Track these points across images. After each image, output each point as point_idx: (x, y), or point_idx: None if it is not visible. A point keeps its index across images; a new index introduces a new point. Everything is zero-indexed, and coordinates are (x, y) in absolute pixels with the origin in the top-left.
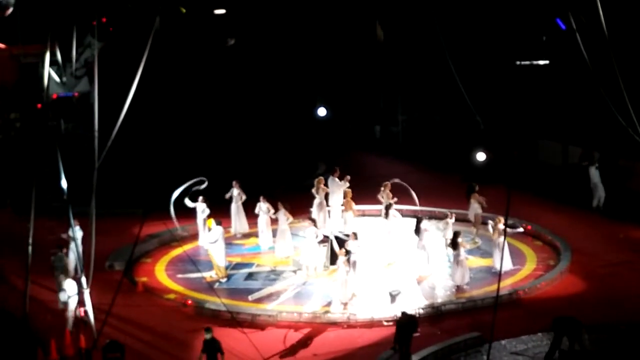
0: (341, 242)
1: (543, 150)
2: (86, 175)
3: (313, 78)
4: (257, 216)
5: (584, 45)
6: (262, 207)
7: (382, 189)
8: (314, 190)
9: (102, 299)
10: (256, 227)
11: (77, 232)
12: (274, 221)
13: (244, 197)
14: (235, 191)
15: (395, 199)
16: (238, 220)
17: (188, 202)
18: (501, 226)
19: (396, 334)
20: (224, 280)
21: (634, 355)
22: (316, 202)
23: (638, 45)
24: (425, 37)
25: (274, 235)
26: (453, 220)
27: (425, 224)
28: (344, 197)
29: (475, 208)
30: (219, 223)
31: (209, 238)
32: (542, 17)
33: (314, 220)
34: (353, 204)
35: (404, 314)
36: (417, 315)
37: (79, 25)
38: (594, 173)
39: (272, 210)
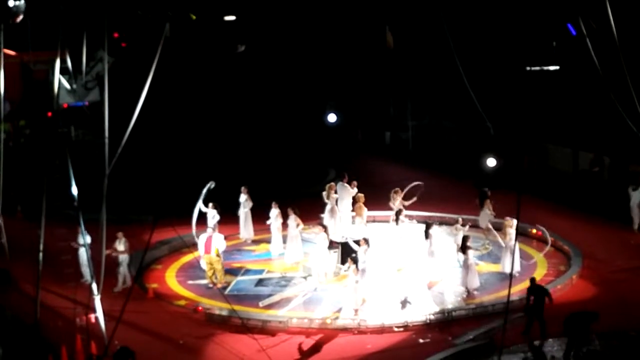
0: (352, 249)
1: (553, 156)
2: (97, 182)
3: (323, 84)
4: (265, 222)
5: (594, 51)
6: (273, 213)
7: (393, 195)
8: (324, 196)
9: (112, 305)
10: (263, 234)
11: (82, 239)
12: (285, 227)
13: (251, 203)
14: (243, 197)
15: (414, 199)
16: (245, 226)
17: (202, 206)
18: (510, 230)
19: (527, 299)
20: (215, 285)
21: None
22: (328, 208)
23: None
24: (435, 43)
25: (285, 242)
26: (466, 227)
27: (434, 229)
28: (356, 203)
29: (487, 214)
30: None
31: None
32: (553, 22)
33: (325, 227)
34: (365, 209)
35: (532, 280)
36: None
37: (90, 37)
38: (636, 195)
39: (281, 220)
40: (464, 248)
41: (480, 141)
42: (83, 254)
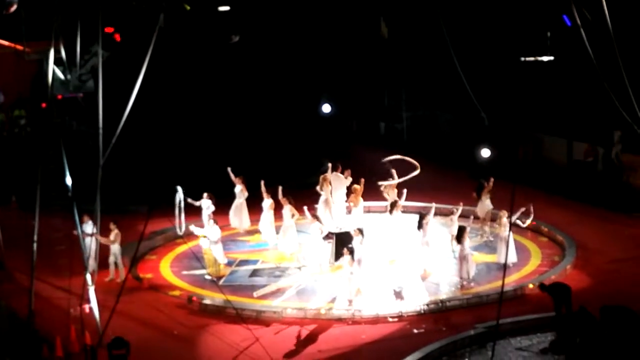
0: (347, 238)
1: (547, 146)
2: (91, 173)
3: (318, 75)
4: (260, 213)
5: (589, 41)
6: (266, 204)
7: (387, 185)
8: (318, 188)
9: (107, 295)
10: (258, 224)
11: (89, 228)
12: (279, 217)
13: (246, 194)
14: (239, 187)
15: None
16: (240, 216)
17: (191, 200)
18: (505, 220)
19: (554, 301)
20: (212, 277)
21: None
22: (322, 199)
23: None
24: (430, 34)
25: (278, 232)
26: (460, 210)
27: (428, 219)
28: (352, 193)
29: (486, 205)
30: (215, 222)
31: (211, 237)
32: (547, 13)
33: (317, 217)
34: (361, 199)
35: (541, 285)
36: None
37: (85, 28)
38: None
39: (272, 210)
40: (459, 239)
41: (475, 132)
42: (91, 244)
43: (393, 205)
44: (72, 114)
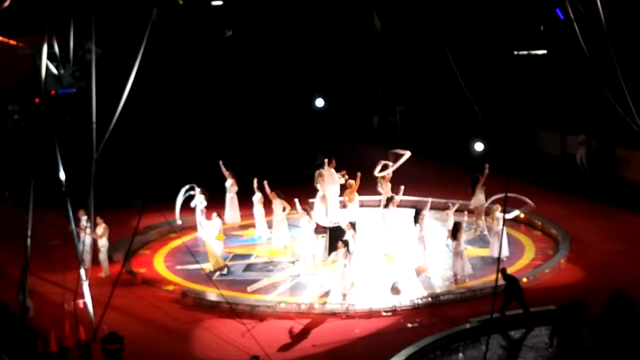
0: (341, 233)
1: (541, 140)
2: (85, 168)
3: (311, 69)
4: (251, 207)
5: (581, 35)
6: (256, 198)
7: (380, 180)
8: (316, 184)
9: (101, 290)
10: (250, 219)
11: (84, 223)
12: (270, 212)
13: (236, 188)
14: (229, 182)
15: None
16: (231, 210)
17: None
18: (498, 214)
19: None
20: (225, 272)
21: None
22: (319, 194)
23: (636, 35)
24: (423, 27)
25: (270, 227)
26: (456, 207)
27: (424, 214)
28: (348, 188)
29: (480, 199)
30: (218, 215)
31: (211, 231)
32: (540, 6)
33: (307, 210)
34: (356, 194)
35: (502, 271)
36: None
37: (78, 26)
38: None
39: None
40: (455, 234)
41: (469, 125)
42: (87, 240)
43: (389, 199)
44: (67, 110)
